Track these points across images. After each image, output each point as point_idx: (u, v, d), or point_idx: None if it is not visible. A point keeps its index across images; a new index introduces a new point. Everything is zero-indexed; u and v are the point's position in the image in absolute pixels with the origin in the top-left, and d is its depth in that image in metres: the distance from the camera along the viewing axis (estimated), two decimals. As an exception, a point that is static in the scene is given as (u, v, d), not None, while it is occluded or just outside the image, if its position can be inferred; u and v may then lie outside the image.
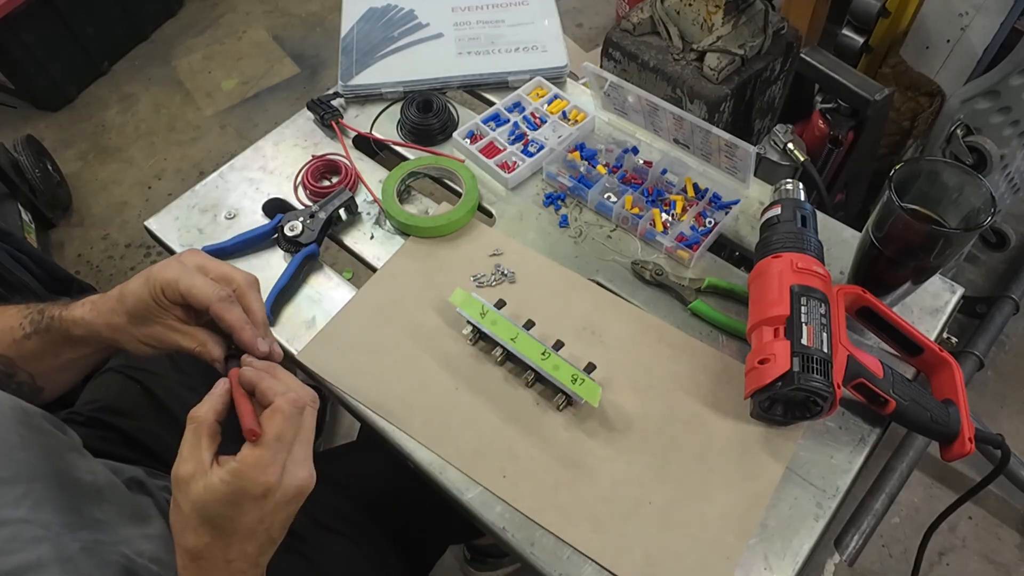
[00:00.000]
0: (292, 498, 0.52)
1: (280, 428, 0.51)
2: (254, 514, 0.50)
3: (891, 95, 1.21)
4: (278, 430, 0.51)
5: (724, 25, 1.03)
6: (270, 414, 0.52)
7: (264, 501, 0.50)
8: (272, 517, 0.52)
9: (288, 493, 0.52)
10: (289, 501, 0.52)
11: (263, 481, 0.50)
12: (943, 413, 0.65)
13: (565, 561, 0.63)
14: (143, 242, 1.87)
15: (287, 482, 0.51)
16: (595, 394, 0.68)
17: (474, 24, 1.05)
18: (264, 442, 0.51)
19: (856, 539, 1.22)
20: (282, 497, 0.51)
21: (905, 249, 0.67)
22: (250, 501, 0.50)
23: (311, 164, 0.90)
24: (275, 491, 0.51)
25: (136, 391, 0.86)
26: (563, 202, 0.87)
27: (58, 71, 2.12)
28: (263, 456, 0.50)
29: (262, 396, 0.54)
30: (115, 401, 0.85)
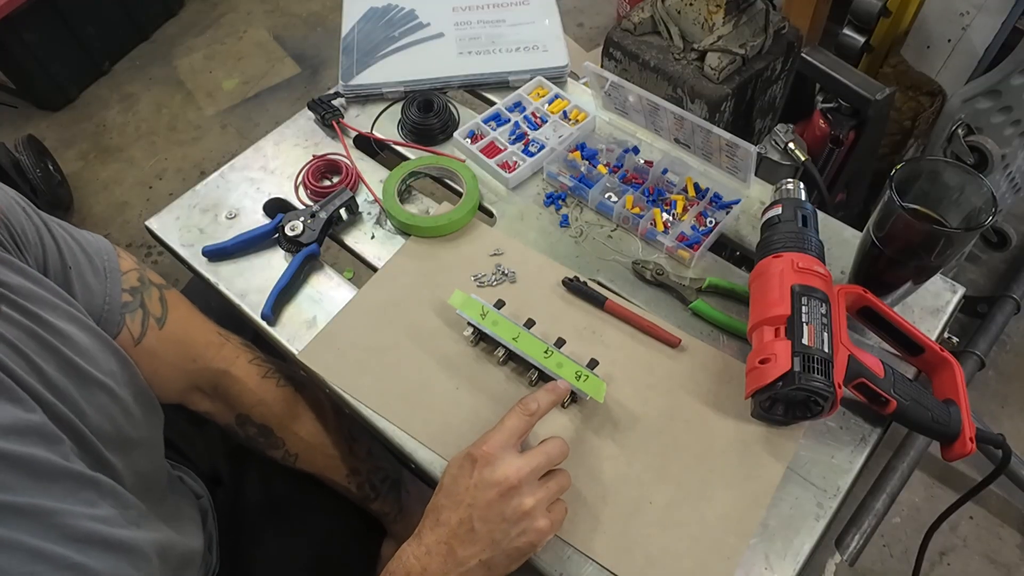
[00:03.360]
0: (497, 482, 0.57)
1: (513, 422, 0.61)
2: (464, 480, 0.58)
3: (892, 95, 1.21)
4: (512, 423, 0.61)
5: (725, 25, 1.03)
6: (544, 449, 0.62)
7: (472, 467, 0.58)
8: (476, 494, 0.57)
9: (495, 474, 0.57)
10: (494, 484, 0.57)
11: (477, 446, 0.59)
12: (944, 413, 0.65)
13: (566, 561, 0.63)
14: (144, 242, 1.87)
15: (498, 462, 0.58)
16: (600, 390, 0.68)
17: (475, 24, 1.05)
18: (497, 426, 0.61)
19: (857, 539, 1.22)
20: (488, 474, 0.57)
21: (906, 249, 0.67)
22: (467, 463, 0.59)
23: (312, 164, 0.90)
24: (481, 460, 0.58)
25: None
26: (564, 202, 0.87)
27: (59, 71, 2.12)
28: (489, 434, 0.60)
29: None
30: None
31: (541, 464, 0.59)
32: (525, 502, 0.57)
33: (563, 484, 0.61)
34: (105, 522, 0.49)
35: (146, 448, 0.63)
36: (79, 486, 0.49)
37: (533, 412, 0.61)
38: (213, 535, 0.77)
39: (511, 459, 0.57)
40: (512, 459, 0.57)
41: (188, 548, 0.65)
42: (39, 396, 0.50)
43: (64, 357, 0.53)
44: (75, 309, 0.58)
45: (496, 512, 0.56)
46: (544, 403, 0.62)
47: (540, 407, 0.61)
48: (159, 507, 0.62)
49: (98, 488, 0.51)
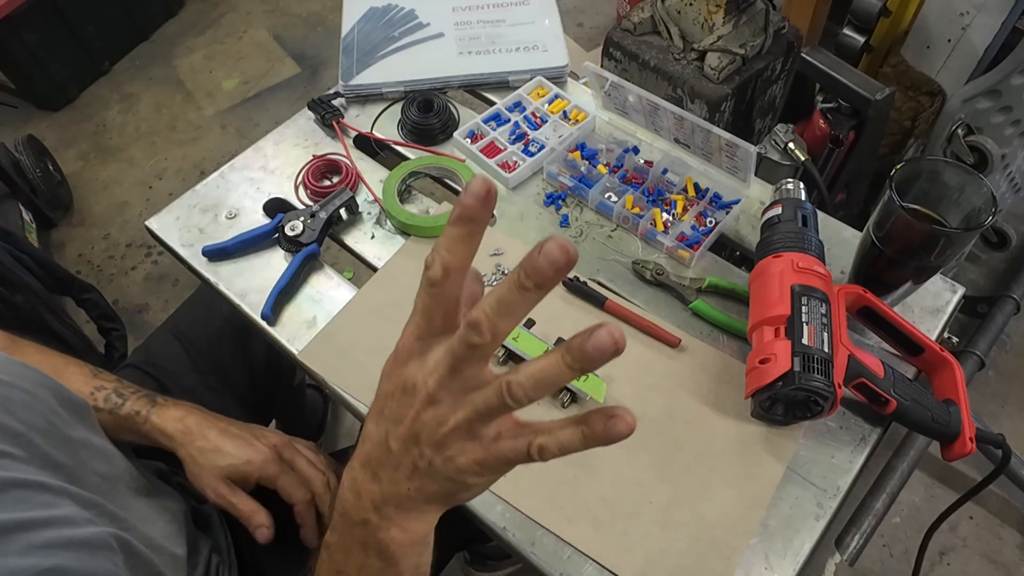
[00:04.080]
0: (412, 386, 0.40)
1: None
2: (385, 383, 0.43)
3: (892, 94, 1.21)
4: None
5: (725, 25, 1.03)
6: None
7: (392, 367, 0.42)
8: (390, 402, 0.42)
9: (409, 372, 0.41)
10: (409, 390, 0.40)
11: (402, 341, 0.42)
12: (944, 413, 0.65)
13: (566, 561, 0.63)
14: (144, 242, 1.87)
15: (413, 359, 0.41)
16: (600, 390, 0.68)
17: (475, 24, 1.05)
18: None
19: (857, 539, 1.22)
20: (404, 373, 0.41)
21: (906, 249, 0.67)
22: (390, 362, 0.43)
23: (312, 164, 0.90)
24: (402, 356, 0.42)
25: (153, 389, 0.87)
26: (564, 202, 0.87)
27: (59, 71, 2.12)
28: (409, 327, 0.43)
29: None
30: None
31: (455, 363, 0.38)
32: (443, 416, 0.38)
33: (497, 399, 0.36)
34: (67, 522, 0.48)
35: (94, 450, 0.61)
36: (31, 492, 0.48)
37: (437, 279, 0.39)
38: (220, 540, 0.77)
39: (430, 354, 0.40)
40: (431, 355, 0.39)
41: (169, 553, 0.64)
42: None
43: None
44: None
45: (407, 429, 0.40)
46: (454, 254, 0.38)
47: (449, 263, 0.39)
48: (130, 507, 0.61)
49: (50, 489, 0.50)
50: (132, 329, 1.63)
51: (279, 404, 1.10)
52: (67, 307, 1.48)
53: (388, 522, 0.42)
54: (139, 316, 1.75)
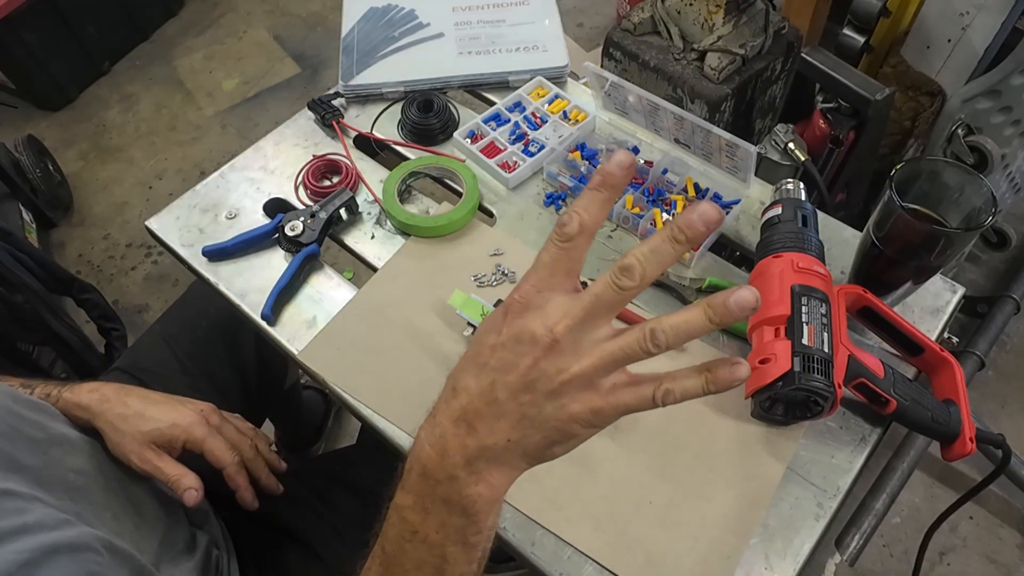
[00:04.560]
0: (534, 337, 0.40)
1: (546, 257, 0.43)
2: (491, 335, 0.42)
3: (892, 95, 1.21)
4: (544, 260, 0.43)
5: (725, 25, 1.03)
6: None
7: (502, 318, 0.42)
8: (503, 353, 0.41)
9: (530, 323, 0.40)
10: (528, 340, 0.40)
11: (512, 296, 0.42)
12: (944, 413, 0.65)
13: (566, 561, 0.63)
14: (144, 242, 1.87)
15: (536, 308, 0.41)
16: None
17: (475, 24, 1.05)
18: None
19: (857, 539, 1.22)
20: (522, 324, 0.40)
21: (906, 249, 0.67)
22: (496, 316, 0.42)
23: (312, 164, 0.90)
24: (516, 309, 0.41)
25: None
26: (564, 202, 0.87)
27: (59, 71, 2.12)
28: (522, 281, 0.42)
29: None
30: None
31: (593, 308, 0.39)
32: (565, 365, 0.40)
33: (637, 344, 0.42)
34: (42, 527, 0.48)
35: (68, 446, 0.62)
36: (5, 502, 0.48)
37: (572, 235, 0.40)
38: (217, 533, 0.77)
39: (551, 305, 0.40)
40: (552, 305, 0.40)
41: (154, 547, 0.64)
42: None
43: None
44: None
45: (521, 378, 0.40)
46: (590, 214, 0.40)
47: (585, 222, 0.40)
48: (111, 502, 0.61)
49: (18, 495, 0.50)
50: (132, 329, 1.63)
51: (272, 406, 1.09)
52: (67, 307, 1.48)
53: (477, 476, 0.42)
54: (139, 316, 1.75)
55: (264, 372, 0.98)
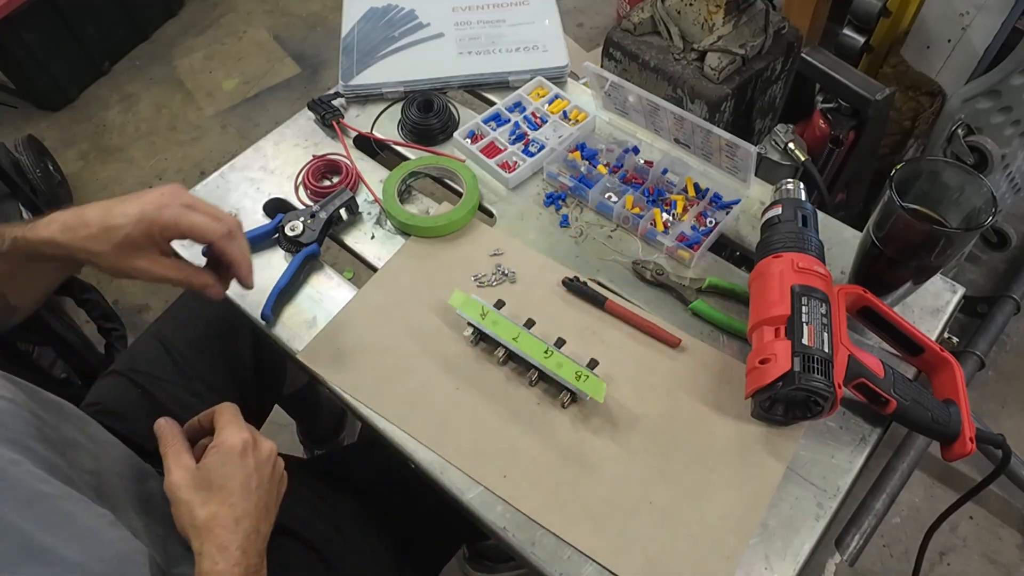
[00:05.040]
0: (268, 458, 0.63)
1: (230, 411, 0.64)
2: (243, 469, 0.60)
3: (892, 95, 1.21)
4: (230, 412, 0.64)
5: (725, 25, 1.03)
6: (217, 410, 0.65)
7: (247, 455, 0.61)
8: (259, 473, 0.61)
9: (263, 452, 0.62)
10: (268, 459, 0.63)
11: (240, 436, 0.61)
12: (944, 413, 0.65)
13: (566, 561, 0.63)
14: (144, 242, 1.87)
15: (259, 441, 0.63)
16: (600, 390, 0.68)
17: (475, 24, 1.05)
18: (225, 419, 0.63)
19: (857, 539, 1.22)
20: (261, 454, 0.62)
21: (906, 249, 0.67)
22: (237, 456, 0.60)
23: (312, 164, 0.90)
24: (251, 445, 0.61)
25: (137, 396, 0.86)
26: (564, 202, 0.87)
27: (59, 71, 2.11)
28: (230, 426, 0.62)
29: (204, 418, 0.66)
30: (117, 405, 0.85)
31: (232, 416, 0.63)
32: (266, 444, 0.63)
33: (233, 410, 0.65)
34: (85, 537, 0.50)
35: (81, 448, 0.62)
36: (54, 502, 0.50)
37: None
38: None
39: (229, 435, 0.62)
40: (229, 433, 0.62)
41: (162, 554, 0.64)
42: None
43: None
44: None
45: (268, 472, 0.62)
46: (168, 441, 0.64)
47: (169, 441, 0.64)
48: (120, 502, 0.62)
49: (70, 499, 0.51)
50: (132, 329, 1.63)
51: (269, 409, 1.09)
52: (67, 307, 1.48)
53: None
54: (139, 316, 1.75)
55: (262, 374, 0.98)
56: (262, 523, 0.61)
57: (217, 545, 0.57)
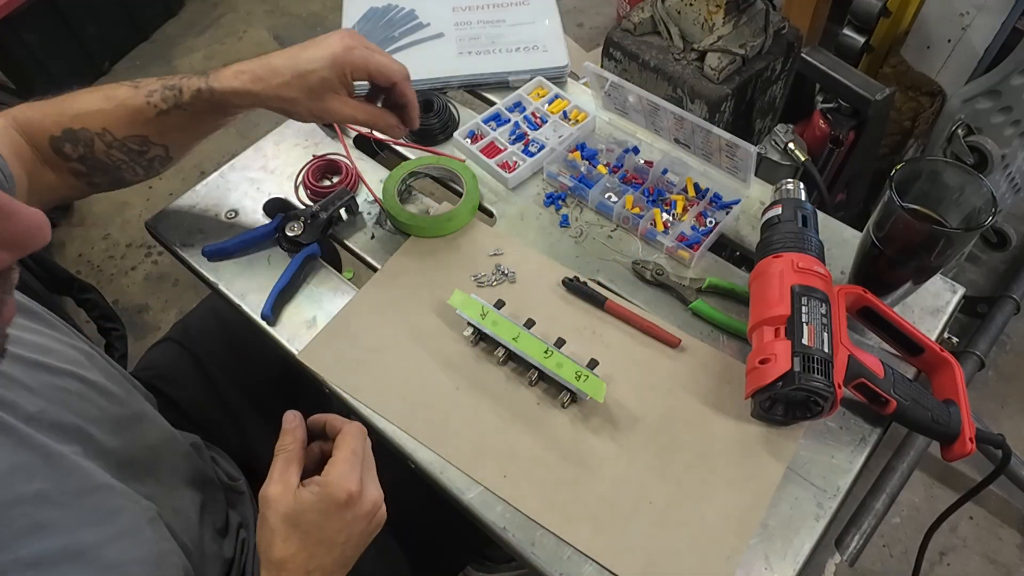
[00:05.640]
0: (369, 511, 0.57)
1: (353, 444, 0.58)
2: (338, 522, 0.55)
3: (892, 95, 1.21)
4: (352, 446, 0.58)
5: (725, 25, 1.03)
6: (342, 436, 0.58)
7: (347, 509, 0.55)
8: (351, 528, 0.56)
9: (366, 505, 0.57)
10: (368, 514, 0.57)
11: (346, 487, 0.55)
12: (944, 413, 0.65)
13: (566, 561, 0.63)
14: (144, 242, 1.87)
15: (366, 493, 0.57)
16: (600, 390, 0.68)
17: (475, 24, 1.05)
18: (342, 457, 0.57)
19: (857, 539, 1.22)
20: (361, 508, 0.56)
21: (906, 249, 0.67)
22: (336, 508, 0.55)
23: (312, 164, 0.90)
24: (356, 499, 0.56)
25: (190, 363, 0.89)
26: (564, 202, 0.87)
27: (59, 71, 2.11)
28: (343, 467, 0.56)
29: (331, 428, 0.61)
30: (170, 370, 0.88)
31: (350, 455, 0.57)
32: (372, 495, 0.57)
33: (361, 446, 0.59)
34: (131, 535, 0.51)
35: (148, 421, 0.63)
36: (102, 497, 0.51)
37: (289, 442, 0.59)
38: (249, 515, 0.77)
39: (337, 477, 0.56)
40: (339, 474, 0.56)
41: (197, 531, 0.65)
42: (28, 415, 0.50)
43: (27, 360, 0.53)
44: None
45: (362, 528, 0.57)
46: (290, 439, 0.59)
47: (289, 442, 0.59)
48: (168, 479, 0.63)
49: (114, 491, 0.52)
50: (132, 329, 1.63)
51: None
52: (67, 307, 1.48)
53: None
54: (139, 316, 1.75)
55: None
56: (335, 574, 0.58)
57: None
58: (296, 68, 0.67)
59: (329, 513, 0.55)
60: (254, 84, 0.68)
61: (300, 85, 0.68)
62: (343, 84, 0.69)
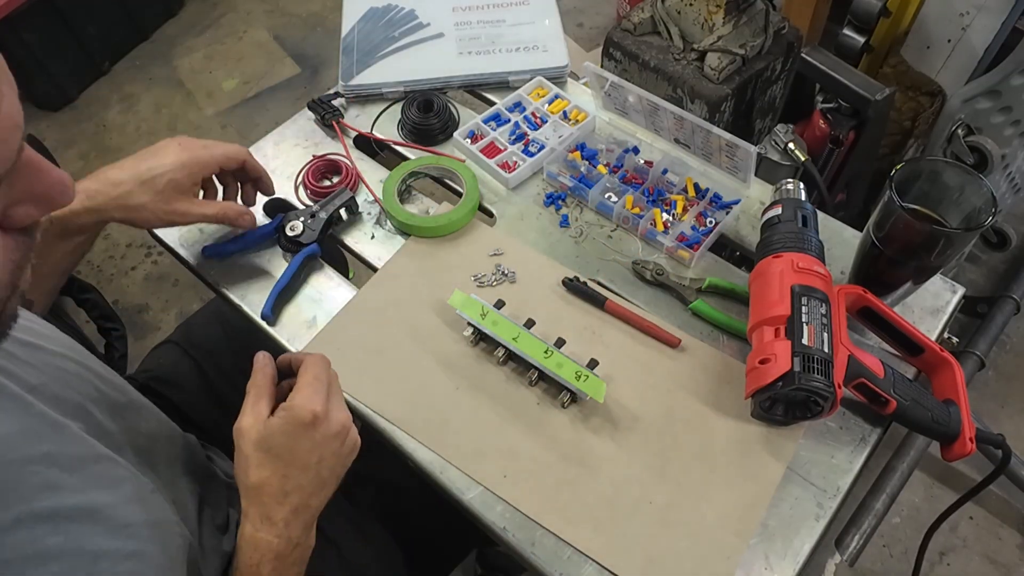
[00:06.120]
0: (338, 431, 0.60)
1: (315, 370, 0.60)
2: (307, 442, 0.58)
3: (892, 95, 1.21)
4: (314, 372, 0.60)
5: (725, 25, 1.03)
6: (305, 365, 0.61)
7: (314, 429, 0.58)
8: (323, 449, 0.59)
9: (334, 426, 0.59)
10: (337, 435, 0.59)
11: (310, 408, 0.57)
12: (944, 413, 0.65)
13: (566, 561, 0.63)
14: (144, 242, 1.87)
15: (332, 414, 0.59)
16: (600, 390, 0.68)
17: (475, 24, 1.05)
18: (306, 382, 0.59)
19: (857, 539, 1.22)
20: (329, 428, 0.59)
21: (906, 249, 0.67)
22: (303, 428, 0.57)
23: (312, 164, 0.90)
24: (322, 419, 0.58)
25: (190, 366, 0.89)
26: (564, 202, 0.87)
27: (59, 71, 2.11)
28: (307, 392, 0.58)
29: (296, 363, 0.63)
30: (169, 373, 0.88)
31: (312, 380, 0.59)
32: (339, 416, 0.60)
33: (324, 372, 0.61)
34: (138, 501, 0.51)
35: (145, 410, 0.64)
36: (106, 466, 0.51)
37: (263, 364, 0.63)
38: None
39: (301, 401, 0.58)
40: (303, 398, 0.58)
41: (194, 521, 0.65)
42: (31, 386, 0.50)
43: (23, 341, 0.54)
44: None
45: (334, 448, 0.60)
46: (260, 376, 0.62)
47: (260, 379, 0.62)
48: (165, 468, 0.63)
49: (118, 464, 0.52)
50: (132, 329, 1.63)
51: None
52: (67, 307, 1.48)
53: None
54: (139, 316, 1.75)
55: None
56: (314, 497, 0.59)
57: (261, 513, 0.57)
58: (139, 176, 0.69)
59: (297, 435, 0.57)
60: (91, 200, 0.68)
61: (147, 190, 0.69)
62: (193, 185, 0.72)
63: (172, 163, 0.70)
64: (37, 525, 0.43)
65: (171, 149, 0.72)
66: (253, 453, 0.57)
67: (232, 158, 0.74)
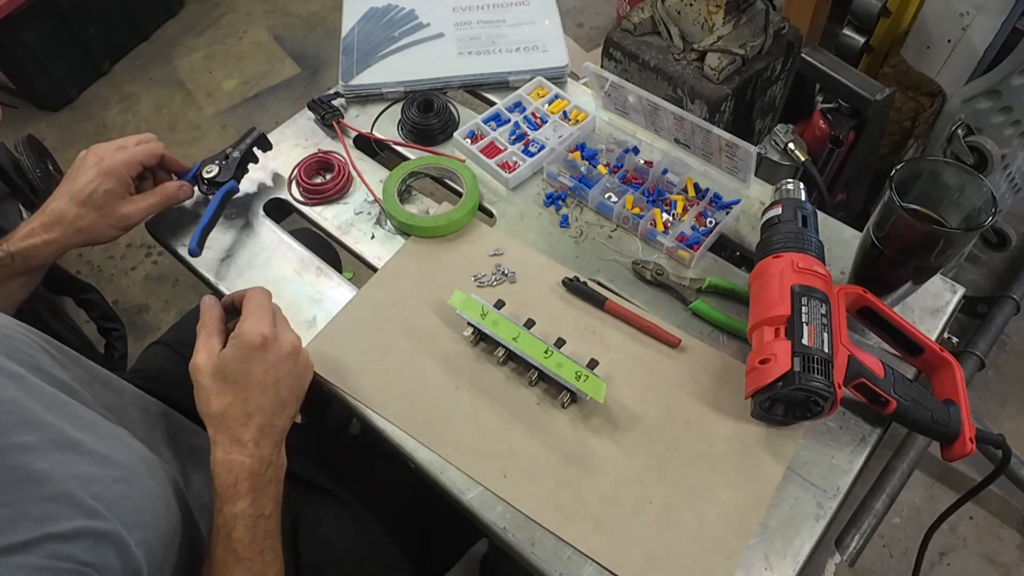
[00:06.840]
0: (290, 352, 0.63)
1: (258, 299, 0.64)
2: (261, 364, 0.61)
3: (892, 95, 1.21)
4: (257, 301, 0.64)
5: (725, 25, 1.03)
6: (247, 297, 0.65)
7: (265, 351, 0.61)
8: (278, 369, 0.62)
9: (284, 347, 0.63)
10: (289, 355, 0.63)
11: (259, 331, 0.61)
12: (944, 413, 0.65)
13: (566, 561, 0.63)
14: (144, 242, 1.87)
15: (281, 336, 0.63)
16: (600, 390, 0.68)
17: (475, 24, 1.05)
18: (250, 311, 0.63)
19: (857, 539, 1.22)
20: (280, 349, 0.62)
21: (906, 249, 0.67)
22: (254, 351, 0.60)
23: (304, 161, 0.90)
24: (272, 341, 0.61)
25: (180, 366, 0.88)
26: (564, 202, 0.87)
27: (59, 71, 2.12)
28: (252, 319, 0.62)
29: (239, 299, 0.66)
30: (160, 373, 0.89)
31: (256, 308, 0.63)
32: (288, 337, 0.64)
33: (267, 301, 0.65)
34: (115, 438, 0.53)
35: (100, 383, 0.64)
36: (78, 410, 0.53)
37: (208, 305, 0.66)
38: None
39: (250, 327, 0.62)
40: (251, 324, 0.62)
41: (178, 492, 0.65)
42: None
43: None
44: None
45: (288, 368, 0.63)
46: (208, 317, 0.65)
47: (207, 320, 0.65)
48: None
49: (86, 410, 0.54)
50: (132, 329, 1.63)
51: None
52: (67, 307, 1.48)
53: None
54: (139, 316, 1.75)
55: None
56: (277, 417, 0.62)
57: (229, 436, 0.59)
58: (76, 199, 0.72)
59: (250, 359, 0.60)
60: (48, 233, 0.71)
61: (89, 209, 0.72)
62: (127, 187, 0.75)
63: (97, 175, 0.72)
64: (22, 453, 0.44)
65: (89, 163, 0.74)
66: (212, 383, 0.60)
67: (149, 153, 0.77)
